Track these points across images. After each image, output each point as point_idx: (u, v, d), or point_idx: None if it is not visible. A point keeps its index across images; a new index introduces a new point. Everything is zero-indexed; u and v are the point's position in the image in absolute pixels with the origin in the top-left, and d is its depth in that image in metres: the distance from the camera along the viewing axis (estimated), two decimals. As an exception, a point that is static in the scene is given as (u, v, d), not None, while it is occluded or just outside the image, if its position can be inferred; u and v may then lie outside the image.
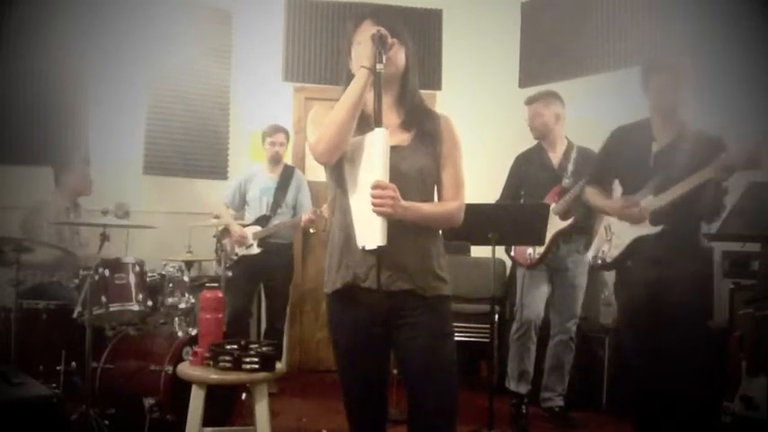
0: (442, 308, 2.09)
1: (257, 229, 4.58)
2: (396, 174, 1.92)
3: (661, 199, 2.92)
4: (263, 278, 4.69)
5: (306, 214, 4.50)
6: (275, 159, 4.70)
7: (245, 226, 4.59)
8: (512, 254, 4.16)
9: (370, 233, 1.91)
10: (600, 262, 3.21)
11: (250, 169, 4.86)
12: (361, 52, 1.97)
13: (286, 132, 4.72)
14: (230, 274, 4.45)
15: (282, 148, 4.69)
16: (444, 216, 2.09)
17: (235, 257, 4.56)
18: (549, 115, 4.02)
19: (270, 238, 4.59)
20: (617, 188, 3.24)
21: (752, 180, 3.53)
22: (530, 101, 4.10)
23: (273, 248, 4.61)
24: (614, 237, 3.10)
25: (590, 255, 3.31)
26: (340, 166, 2.04)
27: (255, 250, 4.57)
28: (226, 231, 4.61)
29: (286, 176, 4.73)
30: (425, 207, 2.03)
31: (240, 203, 4.75)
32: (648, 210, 2.94)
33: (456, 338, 2.19)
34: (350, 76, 2.07)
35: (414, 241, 2.02)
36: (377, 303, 1.99)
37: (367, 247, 1.93)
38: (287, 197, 4.69)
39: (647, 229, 2.95)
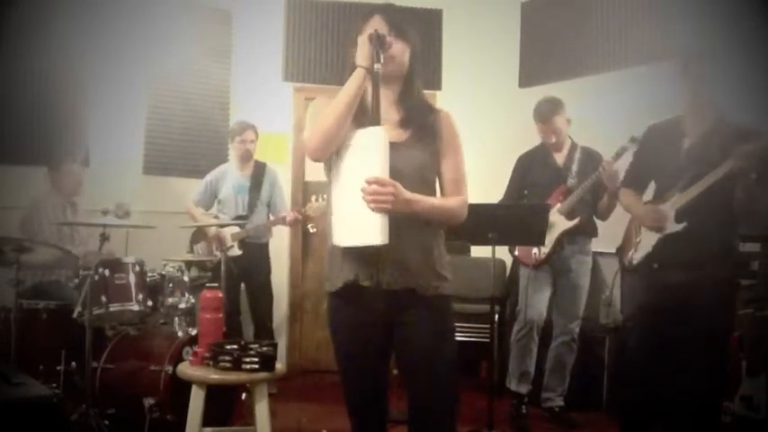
0: (443, 307, 2.09)
1: (235, 230, 4.52)
2: (392, 171, 1.91)
3: (686, 195, 2.86)
4: (243, 279, 4.64)
5: (289, 214, 4.43)
6: (245, 157, 4.65)
7: (221, 227, 4.48)
8: (515, 253, 4.16)
9: (365, 230, 1.88)
10: (627, 264, 3.12)
11: (220, 167, 4.80)
12: (358, 52, 1.97)
13: (254, 129, 4.65)
14: (210, 274, 4.41)
15: (252, 145, 4.64)
16: (448, 211, 2.08)
17: (216, 256, 4.49)
18: (564, 125, 4.02)
19: (247, 238, 4.55)
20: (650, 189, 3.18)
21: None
22: (545, 117, 3.99)
23: (251, 249, 4.57)
24: (642, 237, 3.03)
25: (626, 260, 3.19)
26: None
27: (236, 252, 4.50)
28: (201, 233, 4.56)
29: (258, 174, 4.68)
30: (430, 199, 2.03)
31: (210, 202, 4.70)
32: (671, 206, 2.89)
33: (456, 338, 2.20)
34: (353, 70, 2.07)
35: (416, 239, 2.02)
36: (378, 302, 1.98)
37: (343, 245, 1.94)
38: (261, 195, 4.65)
39: (671, 227, 2.90)
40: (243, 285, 4.73)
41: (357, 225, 1.91)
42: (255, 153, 4.72)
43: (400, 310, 2.02)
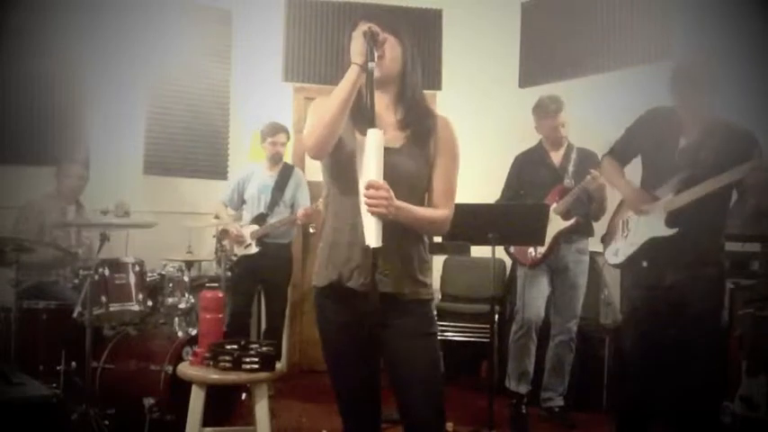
0: (423, 311, 2.08)
1: (255, 228, 4.55)
2: (385, 177, 1.90)
3: (681, 199, 2.83)
4: (261, 278, 4.65)
5: (301, 210, 4.46)
6: (276, 158, 4.66)
7: (242, 225, 4.54)
8: (511, 250, 4.16)
9: (366, 233, 1.90)
10: (612, 254, 3.11)
11: (248, 167, 4.82)
12: (352, 49, 1.97)
13: (287, 132, 4.67)
14: (229, 274, 4.43)
15: (283, 147, 4.65)
16: (433, 222, 2.07)
17: (234, 257, 4.54)
18: (567, 122, 4.02)
19: (268, 237, 4.56)
20: (636, 174, 3.15)
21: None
22: (551, 111, 4.00)
23: (272, 248, 4.58)
24: (630, 234, 3.02)
25: (608, 253, 3.18)
26: (337, 163, 2.03)
27: (254, 250, 4.53)
28: (225, 232, 4.59)
29: (285, 175, 4.68)
30: (417, 209, 2.02)
31: (239, 202, 4.72)
32: (663, 208, 2.87)
33: (456, 338, 2.20)
34: None
35: (396, 245, 2.00)
36: (361, 304, 1.98)
37: (371, 246, 1.92)
38: (285, 195, 4.65)
39: (661, 231, 2.88)
40: (260, 285, 4.74)
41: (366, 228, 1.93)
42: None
43: (383, 313, 2.00)
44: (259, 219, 4.58)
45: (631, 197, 3.01)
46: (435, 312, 2.16)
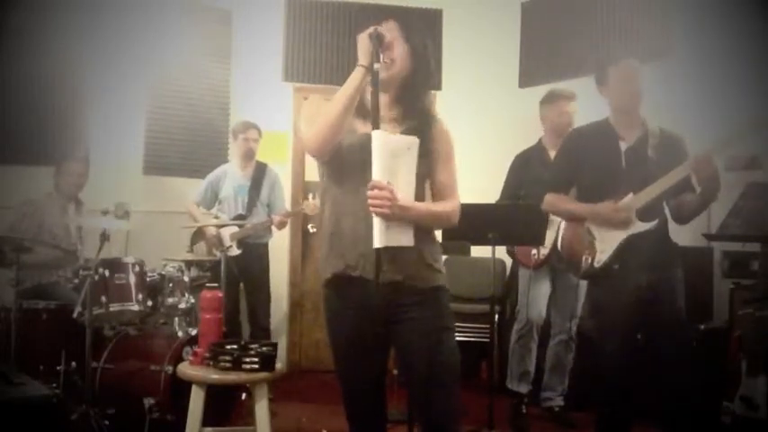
0: (440, 300, 2.08)
1: (234, 230, 4.51)
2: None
3: (644, 196, 2.74)
4: (241, 278, 4.62)
5: (277, 216, 4.46)
6: (248, 156, 4.65)
7: (220, 227, 4.48)
8: (514, 252, 4.15)
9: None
10: (586, 268, 2.91)
11: (221, 167, 4.79)
12: (358, 50, 1.97)
13: (258, 129, 4.66)
14: (209, 274, 4.41)
15: (255, 144, 4.64)
16: (441, 216, 2.10)
17: (214, 258, 4.48)
18: (573, 113, 4.00)
19: (246, 238, 4.54)
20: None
21: (751, 180, 3.54)
22: (556, 98, 4.01)
23: (250, 249, 4.57)
24: (597, 242, 2.86)
25: (584, 264, 2.94)
26: (336, 158, 2.03)
27: (235, 252, 4.49)
28: (200, 233, 4.56)
29: (258, 174, 4.67)
30: (425, 206, 2.04)
31: (212, 201, 4.70)
32: (634, 209, 2.77)
33: (456, 338, 2.18)
34: None
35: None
36: (371, 295, 1.97)
37: (375, 246, 1.91)
38: (261, 195, 4.64)
39: (639, 227, 2.76)
40: (242, 285, 4.72)
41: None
42: (257, 153, 4.72)
43: (396, 306, 2.02)
44: (238, 220, 4.54)
45: (603, 212, 2.82)
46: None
